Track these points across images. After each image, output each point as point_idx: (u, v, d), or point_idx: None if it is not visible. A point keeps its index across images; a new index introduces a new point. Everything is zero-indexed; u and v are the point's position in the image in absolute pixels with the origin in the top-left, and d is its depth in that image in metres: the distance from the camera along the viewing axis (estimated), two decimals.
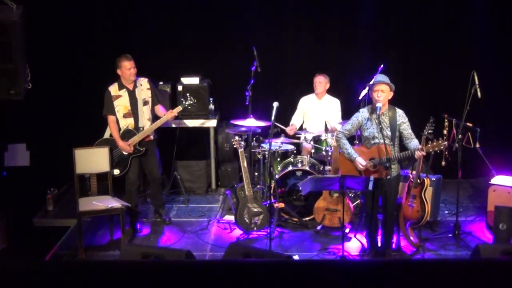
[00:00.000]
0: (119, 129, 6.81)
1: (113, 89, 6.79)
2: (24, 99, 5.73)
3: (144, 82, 6.89)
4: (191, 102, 7.03)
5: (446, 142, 5.84)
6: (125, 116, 6.79)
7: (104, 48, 8.24)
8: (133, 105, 6.79)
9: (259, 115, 7.29)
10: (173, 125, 7.90)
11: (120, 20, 8.23)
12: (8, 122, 7.55)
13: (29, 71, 5.75)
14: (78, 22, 8.18)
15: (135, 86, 6.82)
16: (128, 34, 8.28)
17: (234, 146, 7.00)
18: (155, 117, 6.93)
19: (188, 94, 7.24)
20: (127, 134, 6.80)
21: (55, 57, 8.09)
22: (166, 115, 6.82)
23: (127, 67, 6.70)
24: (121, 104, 6.77)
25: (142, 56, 7.21)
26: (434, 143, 5.74)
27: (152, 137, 6.93)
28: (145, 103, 6.84)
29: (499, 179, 7.03)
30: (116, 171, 6.87)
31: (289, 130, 7.67)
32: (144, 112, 6.82)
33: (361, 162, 5.87)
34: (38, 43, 7.34)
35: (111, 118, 6.79)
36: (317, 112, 7.75)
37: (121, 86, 6.79)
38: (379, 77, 5.96)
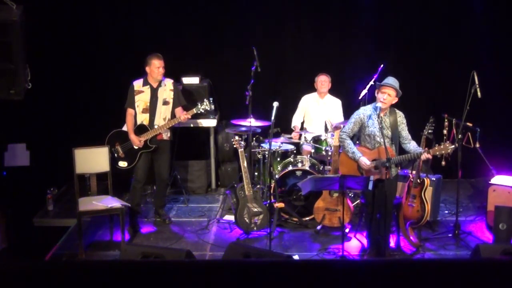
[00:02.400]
0: (135, 123, 6.88)
1: (137, 84, 6.91)
2: (24, 99, 5.73)
3: (168, 83, 6.97)
4: (207, 108, 6.94)
5: (453, 146, 5.80)
6: (143, 111, 6.88)
7: (104, 48, 8.26)
8: (153, 102, 6.87)
9: (259, 115, 7.29)
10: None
11: (120, 20, 8.23)
12: (8, 122, 7.55)
13: (29, 71, 5.74)
14: (78, 22, 8.18)
15: (159, 85, 6.90)
16: (128, 34, 8.28)
17: (234, 146, 6.99)
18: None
19: (205, 99, 7.03)
20: (140, 129, 6.86)
21: (55, 57, 8.09)
22: (180, 116, 6.84)
23: (156, 66, 6.80)
24: (142, 99, 6.87)
25: (142, 56, 7.20)
26: (442, 146, 5.69)
27: (165, 136, 6.95)
28: (165, 103, 6.90)
29: (499, 179, 7.03)
30: (124, 163, 6.94)
31: (294, 136, 7.65)
32: (162, 112, 6.88)
33: (365, 162, 5.86)
34: (38, 43, 7.34)
35: (129, 111, 6.90)
36: (319, 111, 7.75)
37: (145, 83, 6.90)
38: (390, 80, 5.86)
